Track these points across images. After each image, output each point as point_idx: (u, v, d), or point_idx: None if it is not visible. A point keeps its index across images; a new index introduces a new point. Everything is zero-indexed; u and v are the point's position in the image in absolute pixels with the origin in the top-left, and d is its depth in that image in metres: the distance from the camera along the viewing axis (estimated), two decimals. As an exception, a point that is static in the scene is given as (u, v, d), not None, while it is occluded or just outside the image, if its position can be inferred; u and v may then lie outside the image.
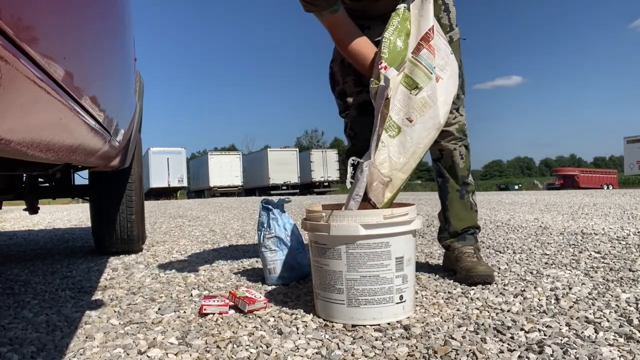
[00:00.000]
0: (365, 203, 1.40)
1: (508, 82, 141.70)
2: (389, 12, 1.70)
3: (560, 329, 1.12)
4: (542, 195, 8.62)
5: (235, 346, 1.11)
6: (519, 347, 1.02)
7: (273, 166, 24.82)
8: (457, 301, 1.39)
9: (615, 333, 1.08)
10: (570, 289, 1.47)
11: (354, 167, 1.41)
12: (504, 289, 1.51)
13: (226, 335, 1.18)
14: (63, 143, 0.83)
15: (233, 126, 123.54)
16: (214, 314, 1.36)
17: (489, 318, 1.23)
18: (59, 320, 1.36)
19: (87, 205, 7.46)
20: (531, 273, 1.72)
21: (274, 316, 1.32)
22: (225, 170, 25.29)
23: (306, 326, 1.23)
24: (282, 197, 1.87)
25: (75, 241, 3.44)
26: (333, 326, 1.22)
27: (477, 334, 1.12)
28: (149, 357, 1.06)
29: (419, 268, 1.86)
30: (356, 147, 1.78)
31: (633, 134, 27.00)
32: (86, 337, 1.21)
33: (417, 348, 1.05)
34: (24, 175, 2.47)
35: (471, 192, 1.75)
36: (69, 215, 6.99)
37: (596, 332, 1.09)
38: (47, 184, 2.69)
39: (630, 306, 1.27)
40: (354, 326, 1.21)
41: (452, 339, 1.09)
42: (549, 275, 1.67)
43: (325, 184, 25.94)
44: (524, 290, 1.47)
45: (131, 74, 1.91)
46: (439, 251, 2.25)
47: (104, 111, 1.07)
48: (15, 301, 1.62)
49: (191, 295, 1.60)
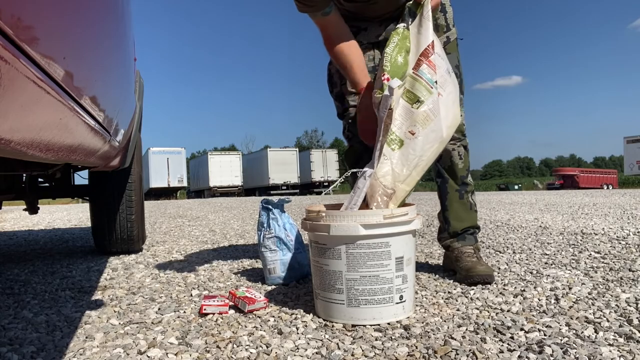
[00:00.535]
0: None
1: (508, 82, 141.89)
2: (386, 14, 1.71)
3: (560, 329, 1.12)
4: (542, 195, 8.62)
5: (235, 346, 1.11)
6: (519, 347, 1.02)
7: (273, 166, 24.81)
8: (457, 301, 1.39)
9: (615, 333, 1.08)
10: (570, 289, 1.47)
11: (354, 176, 1.42)
12: (503, 288, 1.51)
13: (226, 335, 1.18)
14: (63, 143, 0.83)
15: (233, 126, 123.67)
16: (214, 314, 1.36)
17: (488, 318, 1.23)
18: (58, 320, 1.36)
19: (87, 205, 7.46)
20: (531, 273, 1.72)
21: (274, 316, 1.32)
22: (225, 170, 25.29)
23: (306, 326, 1.23)
24: (282, 197, 1.87)
25: (75, 241, 3.44)
26: (333, 326, 1.22)
27: (477, 334, 1.12)
28: (148, 357, 1.06)
29: (419, 268, 1.86)
30: (355, 148, 1.78)
31: (633, 134, 27.02)
32: (86, 337, 1.21)
33: (417, 348, 1.05)
34: (24, 175, 2.47)
35: (470, 192, 1.75)
36: (69, 215, 6.99)
37: (596, 332, 1.09)
38: (47, 184, 2.69)
39: (630, 306, 1.27)
40: (354, 326, 1.21)
41: (452, 339, 1.09)
42: (548, 275, 1.67)
43: (325, 184, 25.92)
44: (524, 290, 1.47)
45: (131, 74, 1.91)
46: (439, 251, 2.25)
47: (103, 111, 1.07)
48: (15, 301, 1.62)
49: (191, 295, 1.60)
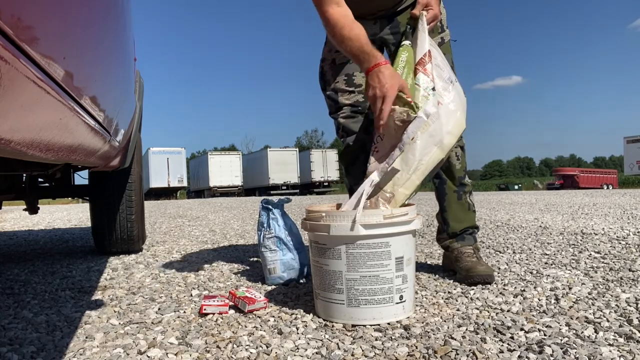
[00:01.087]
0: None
1: (508, 82, 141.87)
2: (382, 12, 1.70)
3: (560, 329, 1.12)
4: (542, 195, 8.62)
5: (235, 346, 1.11)
6: (519, 347, 1.02)
7: (273, 166, 24.81)
8: (457, 301, 1.39)
9: (615, 333, 1.08)
10: (570, 288, 1.47)
11: (350, 176, 1.43)
12: (503, 288, 1.51)
13: (226, 335, 1.18)
14: (63, 143, 0.83)
15: (233, 126, 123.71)
16: (214, 314, 1.36)
17: (488, 318, 1.23)
18: (58, 320, 1.36)
19: (87, 205, 7.46)
20: (531, 273, 1.72)
21: (273, 316, 1.32)
22: (225, 170, 25.29)
23: (306, 326, 1.23)
24: (282, 197, 1.86)
25: (75, 241, 3.44)
26: (333, 326, 1.22)
27: (477, 334, 1.12)
28: (149, 357, 1.06)
29: (419, 268, 1.86)
30: (350, 148, 1.75)
31: (633, 134, 27.03)
32: (86, 337, 1.21)
33: (417, 348, 1.05)
34: (24, 175, 2.47)
35: (468, 193, 1.75)
36: (69, 215, 6.99)
37: (596, 332, 1.09)
38: (47, 184, 2.69)
39: (630, 306, 1.27)
40: (353, 326, 1.21)
41: (452, 339, 1.09)
42: (548, 275, 1.67)
43: (325, 184, 25.93)
44: (524, 290, 1.47)
45: (131, 74, 1.91)
46: (439, 251, 2.25)
47: (103, 111, 1.07)
48: (15, 301, 1.62)
49: (191, 295, 1.60)
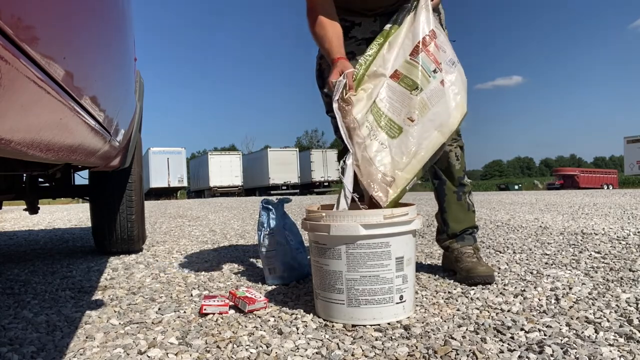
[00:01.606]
0: (365, 205, 1.41)
1: (509, 82, 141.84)
2: (381, 9, 1.70)
3: (561, 329, 1.12)
4: (542, 195, 8.62)
5: (235, 346, 1.11)
6: (519, 347, 1.02)
7: (273, 166, 24.80)
8: (457, 301, 1.39)
9: (615, 333, 1.08)
10: (571, 289, 1.47)
11: (342, 170, 1.42)
12: (504, 289, 1.51)
13: (226, 335, 1.18)
14: (63, 143, 0.83)
15: (233, 126, 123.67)
16: (214, 314, 1.36)
17: (489, 318, 1.23)
18: (59, 320, 1.36)
19: (87, 205, 7.45)
20: (531, 273, 1.72)
21: (274, 316, 1.32)
22: (226, 170, 25.28)
23: (306, 326, 1.23)
24: (282, 197, 1.86)
25: (76, 241, 3.44)
26: (333, 326, 1.22)
27: (477, 334, 1.12)
28: (149, 357, 1.06)
29: (419, 268, 1.86)
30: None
31: (633, 134, 27.01)
32: (86, 337, 1.21)
33: (417, 348, 1.05)
34: (24, 175, 2.47)
35: (468, 193, 1.74)
36: (69, 215, 6.99)
37: (596, 332, 1.09)
38: (47, 184, 2.69)
39: (631, 306, 1.27)
40: (354, 326, 1.21)
41: (452, 339, 1.09)
42: (549, 275, 1.67)
43: (325, 184, 25.92)
44: (524, 290, 1.47)
45: (131, 73, 1.91)
46: (439, 251, 2.25)
47: (104, 111, 1.07)
48: (15, 301, 1.62)
49: (191, 295, 1.60)
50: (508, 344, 1.05)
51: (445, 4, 1.76)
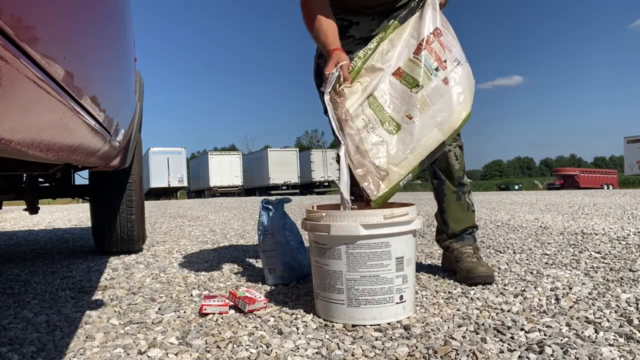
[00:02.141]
0: (362, 204, 1.40)
1: (509, 82, 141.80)
2: (379, 7, 1.70)
3: (561, 329, 1.12)
4: (542, 195, 8.62)
5: (235, 346, 1.11)
6: (519, 347, 1.02)
7: (273, 166, 24.79)
8: (457, 301, 1.39)
9: (615, 333, 1.08)
10: (571, 289, 1.47)
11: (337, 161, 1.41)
12: (504, 289, 1.51)
13: (226, 335, 1.18)
14: (63, 143, 0.83)
15: (233, 126, 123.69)
16: (214, 314, 1.36)
17: (489, 318, 1.23)
18: (59, 320, 1.36)
19: (87, 205, 7.45)
20: (531, 273, 1.72)
21: (274, 316, 1.32)
22: (226, 170, 25.28)
23: (306, 326, 1.23)
24: (282, 197, 1.86)
25: (76, 241, 3.44)
26: (333, 326, 1.22)
27: (477, 334, 1.12)
28: (149, 357, 1.06)
29: (419, 268, 1.85)
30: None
31: (633, 134, 27.01)
32: (86, 337, 1.21)
33: (417, 348, 1.05)
34: (24, 175, 2.47)
35: (467, 193, 1.74)
36: (69, 215, 6.99)
37: (596, 332, 1.09)
38: (47, 184, 2.69)
39: (631, 306, 1.27)
40: (354, 326, 1.21)
41: (452, 339, 1.09)
42: (549, 275, 1.67)
43: (325, 184, 25.92)
44: (524, 290, 1.47)
45: (131, 73, 1.91)
46: (439, 251, 2.25)
47: (104, 111, 1.07)
48: (15, 301, 1.62)
49: (191, 295, 1.60)
50: (508, 344, 1.05)
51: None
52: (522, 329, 1.13)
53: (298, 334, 1.17)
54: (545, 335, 1.09)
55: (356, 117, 1.39)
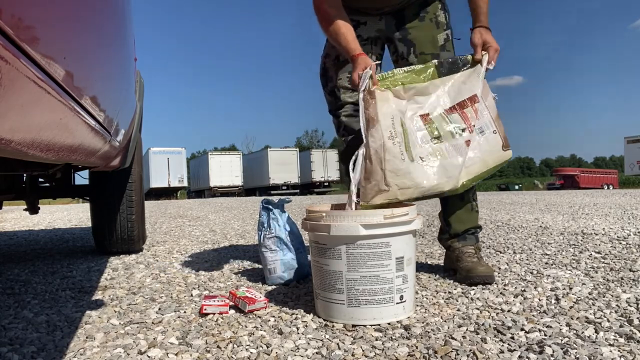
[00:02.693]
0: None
1: (509, 82, 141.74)
2: (388, 7, 1.70)
3: (561, 329, 1.12)
4: (542, 196, 8.62)
5: (235, 346, 1.11)
6: (519, 347, 1.02)
7: (273, 166, 24.80)
8: (457, 301, 1.39)
9: (615, 333, 1.08)
10: (571, 289, 1.47)
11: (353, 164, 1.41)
12: (504, 289, 1.51)
13: (226, 335, 1.18)
14: (63, 143, 0.83)
15: (233, 126, 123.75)
16: (214, 314, 1.36)
17: (489, 318, 1.23)
18: (59, 320, 1.36)
19: (87, 205, 7.45)
20: (531, 273, 1.72)
21: (274, 316, 1.32)
22: (226, 170, 25.28)
23: (306, 326, 1.23)
24: (283, 197, 1.86)
25: (76, 241, 3.44)
26: (333, 326, 1.22)
27: (478, 334, 1.12)
28: (149, 357, 1.06)
29: (419, 268, 1.85)
30: (351, 148, 1.73)
31: (633, 134, 27.01)
32: (86, 337, 1.21)
33: (417, 348, 1.05)
34: (25, 175, 2.47)
35: (472, 193, 1.74)
36: (69, 215, 6.99)
37: (596, 332, 1.09)
38: (47, 184, 2.69)
39: (631, 306, 1.27)
40: (354, 326, 1.21)
41: (453, 339, 1.09)
42: (549, 276, 1.67)
43: (325, 184, 25.92)
44: (524, 290, 1.47)
45: (131, 73, 1.91)
46: (439, 251, 2.25)
47: (104, 111, 1.07)
48: (15, 301, 1.62)
49: (191, 295, 1.60)
50: (508, 344, 1.05)
51: (448, 3, 1.77)
52: (522, 329, 1.13)
53: (298, 334, 1.17)
54: (545, 335, 1.09)
55: (385, 126, 1.40)
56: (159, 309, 1.45)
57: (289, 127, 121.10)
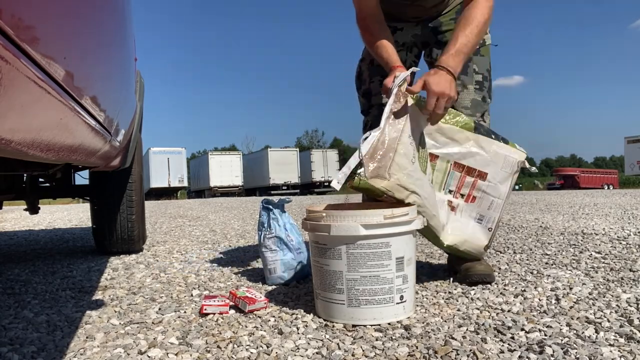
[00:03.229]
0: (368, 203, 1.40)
1: (510, 82, 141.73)
2: (422, 16, 1.73)
3: (561, 329, 1.12)
4: (542, 195, 8.61)
5: (235, 346, 1.11)
6: (520, 347, 1.02)
7: (273, 166, 24.80)
8: (457, 301, 1.39)
9: (615, 333, 1.08)
10: (571, 289, 1.47)
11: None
12: (504, 289, 1.51)
13: (226, 335, 1.18)
14: (63, 143, 0.83)
15: (233, 126, 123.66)
16: (214, 314, 1.36)
17: (489, 318, 1.23)
18: (59, 320, 1.36)
19: (87, 205, 7.45)
20: (532, 273, 1.72)
21: (274, 316, 1.32)
22: (226, 170, 25.29)
23: (306, 326, 1.23)
24: (283, 197, 1.86)
25: (76, 241, 3.44)
26: (333, 326, 1.22)
27: (478, 334, 1.12)
28: (149, 357, 1.06)
29: (420, 268, 1.85)
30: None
31: (634, 134, 27.00)
32: (87, 337, 1.21)
33: (417, 348, 1.05)
34: (25, 175, 2.47)
35: None
36: (70, 215, 6.99)
37: (597, 332, 1.09)
38: (47, 184, 2.69)
39: (631, 306, 1.27)
40: (354, 326, 1.21)
41: (453, 339, 1.09)
42: (549, 276, 1.67)
43: (325, 184, 25.91)
44: (525, 290, 1.47)
45: (132, 73, 1.91)
46: (439, 251, 2.25)
47: (104, 111, 1.07)
48: (15, 301, 1.62)
49: (191, 295, 1.60)
50: (508, 344, 1.05)
51: None
52: (522, 329, 1.13)
53: (298, 334, 1.18)
54: (545, 335, 1.09)
55: (408, 128, 1.40)
56: (159, 309, 1.45)
57: (288, 127, 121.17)
